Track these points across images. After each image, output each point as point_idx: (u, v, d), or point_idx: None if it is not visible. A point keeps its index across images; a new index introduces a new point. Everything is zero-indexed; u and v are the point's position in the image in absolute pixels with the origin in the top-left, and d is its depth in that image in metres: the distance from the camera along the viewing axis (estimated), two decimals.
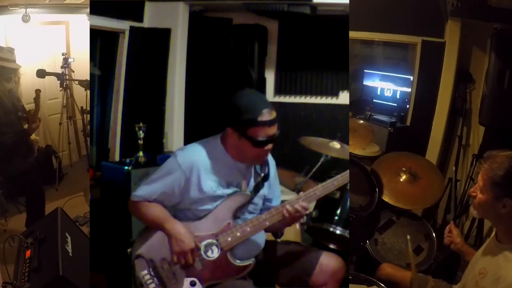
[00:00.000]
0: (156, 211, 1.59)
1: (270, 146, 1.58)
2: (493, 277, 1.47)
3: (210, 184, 1.58)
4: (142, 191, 1.60)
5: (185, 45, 3.21)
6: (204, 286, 1.57)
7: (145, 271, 1.57)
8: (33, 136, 3.18)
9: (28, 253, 2.02)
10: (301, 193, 1.64)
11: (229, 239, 1.59)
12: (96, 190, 2.74)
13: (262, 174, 1.70)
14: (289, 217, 1.60)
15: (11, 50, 3.05)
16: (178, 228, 1.56)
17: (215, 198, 1.59)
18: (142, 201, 1.59)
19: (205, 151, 1.61)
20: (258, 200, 1.70)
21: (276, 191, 1.81)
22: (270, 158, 1.77)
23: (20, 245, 2.12)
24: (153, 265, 1.57)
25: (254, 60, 3.21)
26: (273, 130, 1.55)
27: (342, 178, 1.65)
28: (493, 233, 1.62)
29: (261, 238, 1.72)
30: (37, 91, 3.26)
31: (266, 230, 1.73)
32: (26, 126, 3.07)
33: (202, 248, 1.58)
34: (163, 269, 1.57)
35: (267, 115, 1.52)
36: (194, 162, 1.57)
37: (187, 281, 1.57)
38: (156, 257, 1.58)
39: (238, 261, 1.61)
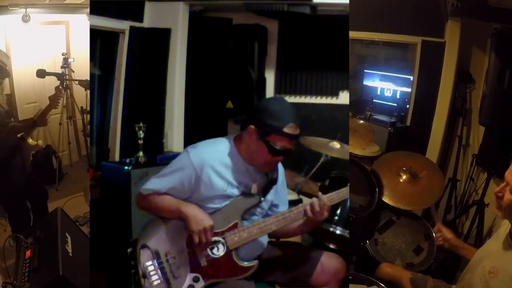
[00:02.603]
0: (168, 200, 1.60)
1: (281, 158, 1.59)
2: (505, 278, 1.44)
3: (220, 183, 1.59)
4: (152, 185, 1.60)
5: (185, 45, 3.21)
6: (206, 283, 1.58)
7: (150, 262, 1.57)
8: (33, 142, 3.04)
9: (28, 253, 2.02)
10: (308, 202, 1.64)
11: (236, 238, 1.59)
12: (96, 190, 2.74)
13: (270, 179, 1.70)
14: (302, 227, 1.65)
15: (8, 56, 2.96)
16: (195, 209, 1.56)
17: (224, 197, 1.60)
18: (152, 194, 1.60)
19: (217, 150, 1.62)
20: (264, 204, 1.70)
21: (283, 198, 1.81)
22: (279, 165, 1.78)
23: (20, 245, 2.12)
24: (158, 257, 1.58)
25: (254, 60, 3.21)
26: (291, 145, 1.57)
27: (342, 193, 1.65)
28: (505, 230, 1.58)
29: (264, 239, 1.73)
30: (58, 89, 2.92)
31: (272, 236, 1.74)
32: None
33: (212, 237, 1.58)
34: (168, 263, 1.58)
35: (292, 128, 1.55)
36: (206, 160, 1.57)
37: (190, 276, 1.57)
38: (161, 250, 1.59)
39: (242, 261, 1.61)
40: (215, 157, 1.60)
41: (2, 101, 2.89)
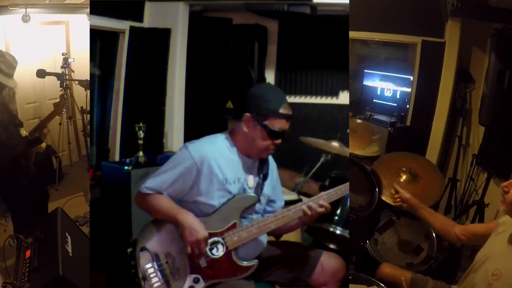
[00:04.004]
0: (167, 203, 1.59)
1: (279, 140, 1.62)
2: (509, 281, 1.44)
3: (220, 176, 1.59)
4: (152, 183, 1.60)
5: (185, 45, 3.21)
6: (206, 284, 1.58)
7: (149, 265, 1.57)
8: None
9: (28, 253, 2.02)
10: (308, 200, 1.65)
11: (235, 238, 1.60)
12: (96, 190, 2.74)
13: (262, 175, 1.70)
14: (298, 222, 1.65)
15: (14, 63, 2.71)
16: (191, 218, 1.56)
17: (223, 191, 1.60)
18: (152, 194, 1.59)
19: (215, 145, 1.64)
20: (262, 199, 1.71)
21: (279, 194, 1.83)
22: (271, 161, 1.79)
23: (20, 245, 2.12)
24: (157, 259, 1.58)
25: (254, 60, 3.21)
26: (287, 125, 1.62)
27: (340, 191, 1.67)
28: (507, 231, 1.59)
29: (264, 239, 1.73)
30: (62, 97, 3.02)
31: (270, 234, 1.74)
32: (25, 133, 2.92)
33: (208, 245, 1.58)
34: (168, 264, 1.58)
35: (287, 108, 1.60)
36: (206, 155, 1.58)
37: (190, 277, 1.57)
38: (161, 252, 1.59)
39: (242, 261, 1.61)
40: (215, 151, 1.61)
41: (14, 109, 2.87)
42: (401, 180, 2.72)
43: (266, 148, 1.63)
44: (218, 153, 1.61)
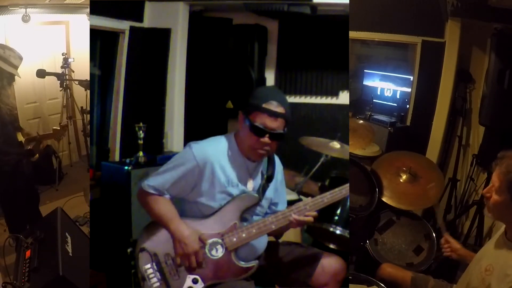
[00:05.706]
0: (164, 208, 1.59)
1: (266, 139, 1.55)
2: (500, 275, 1.45)
3: (222, 179, 1.59)
4: (154, 181, 1.59)
5: (185, 45, 3.21)
6: (206, 285, 1.58)
7: (148, 265, 1.57)
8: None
9: (28, 253, 2.02)
10: (309, 199, 1.64)
11: (234, 239, 1.59)
12: (96, 190, 2.74)
13: (265, 175, 1.69)
14: (295, 223, 1.61)
15: (21, 57, 2.85)
16: (183, 230, 1.56)
17: (224, 194, 1.60)
18: (152, 194, 1.59)
19: (219, 146, 1.63)
20: (264, 202, 1.70)
21: (282, 197, 1.81)
22: (278, 162, 1.78)
23: (20, 245, 2.12)
24: (156, 260, 1.58)
25: (254, 60, 3.21)
26: (273, 123, 1.54)
27: (346, 190, 1.66)
28: (501, 230, 1.60)
29: (264, 240, 1.73)
30: (64, 128, 3.18)
31: (269, 234, 1.73)
32: (23, 139, 2.92)
33: (207, 246, 1.58)
34: (167, 265, 1.58)
35: (273, 106, 1.55)
36: (209, 156, 1.57)
37: (189, 278, 1.57)
38: (160, 252, 1.58)
39: (241, 262, 1.61)
40: (218, 153, 1.60)
41: (13, 107, 2.90)
42: (401, 180, 2.72)
43: (253, 146, 1.58)
44: (221, 155, 1.61)
